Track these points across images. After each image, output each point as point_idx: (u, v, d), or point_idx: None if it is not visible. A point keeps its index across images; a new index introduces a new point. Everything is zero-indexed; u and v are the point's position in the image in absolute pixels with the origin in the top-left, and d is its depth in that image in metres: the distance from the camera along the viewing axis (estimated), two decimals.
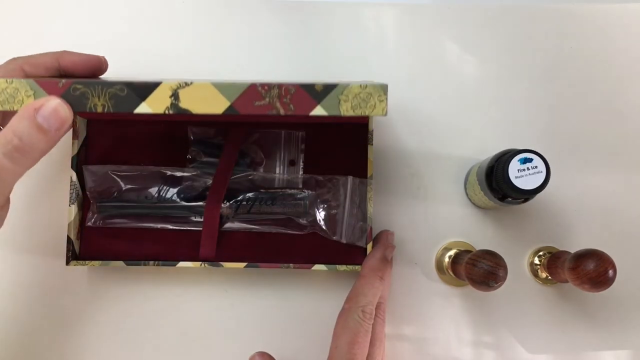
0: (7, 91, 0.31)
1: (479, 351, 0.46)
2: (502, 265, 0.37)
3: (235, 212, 0.43)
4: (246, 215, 0.44)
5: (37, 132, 0.28)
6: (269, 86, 0.32)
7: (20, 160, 0.29)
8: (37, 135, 0.29)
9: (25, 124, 0.28)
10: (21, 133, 0.28)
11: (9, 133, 0.28)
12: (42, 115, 0.29)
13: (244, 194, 0.44)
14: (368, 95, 0.32)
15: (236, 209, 0.43)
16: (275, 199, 0.43)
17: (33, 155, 0.29)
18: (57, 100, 0.29)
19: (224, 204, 0.43)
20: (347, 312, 0.39)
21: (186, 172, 0.44)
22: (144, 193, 0.44)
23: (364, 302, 0.39)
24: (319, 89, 0.32)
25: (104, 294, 0.46)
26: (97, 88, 0.32)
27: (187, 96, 0.32)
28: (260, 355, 0.42)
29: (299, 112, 0.32)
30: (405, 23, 0.50)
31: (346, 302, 0.40)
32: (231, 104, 0.32)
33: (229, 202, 0.43)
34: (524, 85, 0.48)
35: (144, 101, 0.32)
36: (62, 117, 0.29)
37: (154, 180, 0.44)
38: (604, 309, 0.45)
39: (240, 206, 0.43)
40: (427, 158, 0.48)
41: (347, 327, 0.38)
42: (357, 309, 0.38)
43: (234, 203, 0.43)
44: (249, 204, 0.43)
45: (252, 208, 0.43)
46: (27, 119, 0.28)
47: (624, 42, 0.49)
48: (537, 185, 0.38)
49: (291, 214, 0.44)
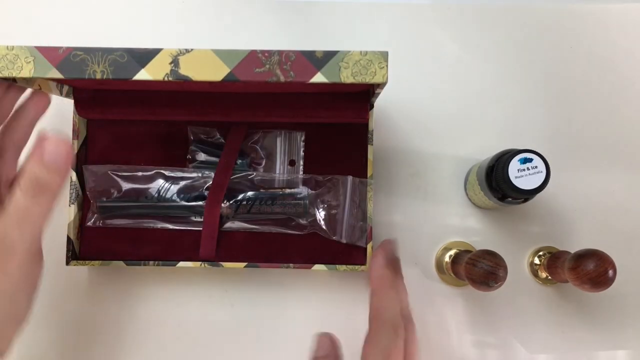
0: (8, 57, 0.32)
1: (479, 351, 0.46)
2: (502, 265, 0.37)
3: (235, 212, 0.43)
4: (246, 215, 0.44)
5: (48, 172, 0.31)
6: (270, 53, 0.32)
7: (43, 200, 0.32)
8: (50, 174, 0.31)
9: (38, 168, 0.31)
10: (37, 176, 0.31)
11: (27, 179, 0.31)
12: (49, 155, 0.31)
13: (244, 194, 0.44)
14: (368, 62, 0.32)
15: (236, 209, 0.43)
16: (275, 199, 0.43)
17: (53, 192, 0.32)
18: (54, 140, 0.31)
19: (224, 203, 0.43)
20: (375, 332, 0.35)
21: (186, 173, 0.44)
22: (144, 193, 0.44)
23: (389, 316, 0.35)
24: (319, 55, 0.32)
25: (104, 294, 0.46)
26: (97, 54, 0.31)
27: (187, 63, 0.32)
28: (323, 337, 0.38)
29: (299, 79, 0.32)
30: (405, 23, 0.50)
31: (371, 323, 0.36)
32: (231, 71, 0.31)
33: (229, 202, 0.43)
34: (524, 85, 0.48)
35: (143, 68, 0.32)
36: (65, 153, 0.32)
37: (153, 180, 0.44)
38: (604, 309, 0.46)
39: (240, 206, 0.43)
40: (427, 158, 0.48)
41: (378, 347, 0.34)
42: (387, 326, 0.35)
43: (234, 203, 0.43)
44: (249, 204, 0.43)
45: (252, 208, 0.43)
46: (38, 163, 0.31)
47: (624, 42, 0.49)
48: (537, 185, 0.38)
49: (291, 214, 0.44)
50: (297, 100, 0.42)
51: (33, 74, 0.32)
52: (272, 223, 0.44)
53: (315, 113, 0.43)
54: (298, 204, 0.44)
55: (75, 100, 0.43)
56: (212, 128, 0.45)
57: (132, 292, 0.46)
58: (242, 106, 0.43)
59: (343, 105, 0.42)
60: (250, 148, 0.45)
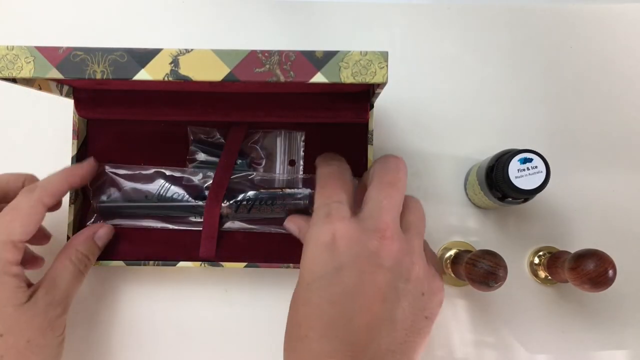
0: (7, 57, 0.32)
1: (479, 351, 0.46)
2: (502, 265, 0.37)
3: (235, 211, 0.43)
4: (246, 215, 0.44)
5: (95, 246, 0.41)
6: (270, 53, 0.32)
7: (86, 269, 0.40)
8: (95, 250, 0.41)
9: (89, 244, 0.40)
10: (88, 251, 0.40)
11: (79, 253, 0.39)
12: (98, 237, 0.41)
13: (244, 194, 0.44)
14: (368, 62, 0.32)
15: (236, 209, 0.43)
16: (275, 199, 0.43)
17: (92, 263, 0.41)
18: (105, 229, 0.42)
19: (224, 203, 0.43)
20: None
21: (186, 173, 0.44)
22: (144, 193, 0.44)
23: None
24: (319, 55, 0.32)
25: (104, 294, 0.46)
26: (97, 55, 0.31)
27: (187, 63, 0.32)
28: None
29: (299, 79, 0.32)
30: (405, 23, 0.50)
31: None
32: (231, 71, 0.32)
33: (229, 202, 0.43)
34: (524, 85, 0.48)
35: (143, 68, 0.32)
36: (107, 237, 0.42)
37: (154, 179, 0.44)
38: (604, 309, 0.46)
39: (240, 206, 0.43)
40: (427, 158, 0.48)
41: None
42: None
43: (234, 203, 0.43)
44: (249, 204, 0.43)
45: (252, 208, 0.43)
46: (90, 239, 0.40)
47: (624, 42, 0.49)
48: (537, 185, 0.38)
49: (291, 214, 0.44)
50: (297, 100, 0.42)
51: (33, 74, 0.32)
52: (272, 223, 0.44)
53: (315, 113, 0.43)
54: (298, 203, 0.44)
55: (75, 101, 0.43)
56: (212, 128, 0.45)
57: (132, 292, 0.46)
58: (242, 106, 0.43)
59: (343, 105, 0.42)
60: (250, 148, 0.45)
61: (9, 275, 0.35)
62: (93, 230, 0.41)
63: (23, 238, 0.36)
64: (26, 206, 0.36)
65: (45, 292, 0.37)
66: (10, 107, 0.49)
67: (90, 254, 0.40)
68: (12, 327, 0.35)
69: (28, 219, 0.36)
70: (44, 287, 0.37)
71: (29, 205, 0.36)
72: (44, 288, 0.37)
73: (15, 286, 0.35)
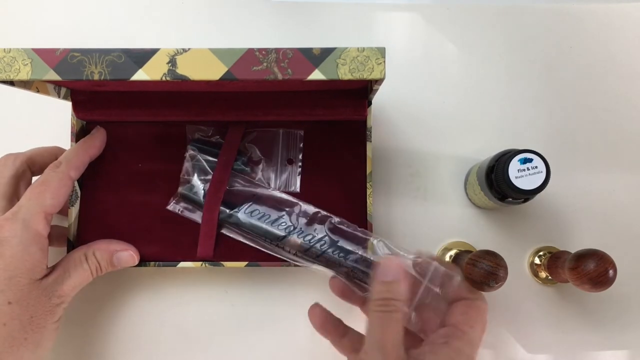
0: (5, 60, 0.32)
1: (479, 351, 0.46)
2: (503, 265, 0.37)
3: (304, 252, 0.41)
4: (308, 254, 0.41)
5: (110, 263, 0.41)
6: (267, 51, 0.32)
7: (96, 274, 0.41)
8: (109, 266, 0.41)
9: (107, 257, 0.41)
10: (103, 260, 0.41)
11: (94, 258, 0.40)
12: (117, 258, 0.41)
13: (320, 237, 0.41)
14: (366, 59, 0.32)
15: (306, 250, 0.41)
16: (349, 254, 0.40)
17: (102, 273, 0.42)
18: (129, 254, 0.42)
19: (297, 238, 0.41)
20: None
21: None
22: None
23: None
24: (316, 52, 0.32)
25: (104, 294, 0.46)
26: (94, 56, 0.31)
27: (184, 62, 0.32)
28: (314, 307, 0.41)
29: (297, 76, 0.32)
30: (405, 23, 0.49)
31: None
32: (228, 69, 0.31)
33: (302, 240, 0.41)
34: (524, 85, 0.48)
35: (141, 68, 0.31)
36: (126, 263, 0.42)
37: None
38: (604, 309, 0.45)
39: (312, 248, 0.41)
40: (427, 158, 0.48)
41: None
42: None
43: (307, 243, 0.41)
44: (322, 249, 0.41)
45: (324, 253, 0.41)
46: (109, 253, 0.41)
47: (624, 42, 0.49)
48: (537, 185, 0.38)
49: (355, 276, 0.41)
50: (295, 98, 0.42)
51: (31, 76, 0.32)
52: None
53: (314, 111, 0.43)
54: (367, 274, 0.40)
55: (73, 103, 0.42)
56: (210, 127, 0.45)
57: (132, 292, 0.46)
58: (240, 106, 0.43)
59: (341, 102, 0.42)
60: (248, 147, 0.45)
61: (37, 247, 0.37)
62: (118, 247, 0.42)
63: (53, 210, 0.38)
64: (55, 179, 0.39)
65: (55, 279, 0.38)
66: (8, 110, 0.49)
67: (104, 266, 0.41)
68: (22, 299, 0.36)
69: (58, 192, 0.38)
70: (55, 273, 0.39)
71: (58, 179, 0.39)
72: (55, 274, 0.38)
73: (38, 260, 0.37)
